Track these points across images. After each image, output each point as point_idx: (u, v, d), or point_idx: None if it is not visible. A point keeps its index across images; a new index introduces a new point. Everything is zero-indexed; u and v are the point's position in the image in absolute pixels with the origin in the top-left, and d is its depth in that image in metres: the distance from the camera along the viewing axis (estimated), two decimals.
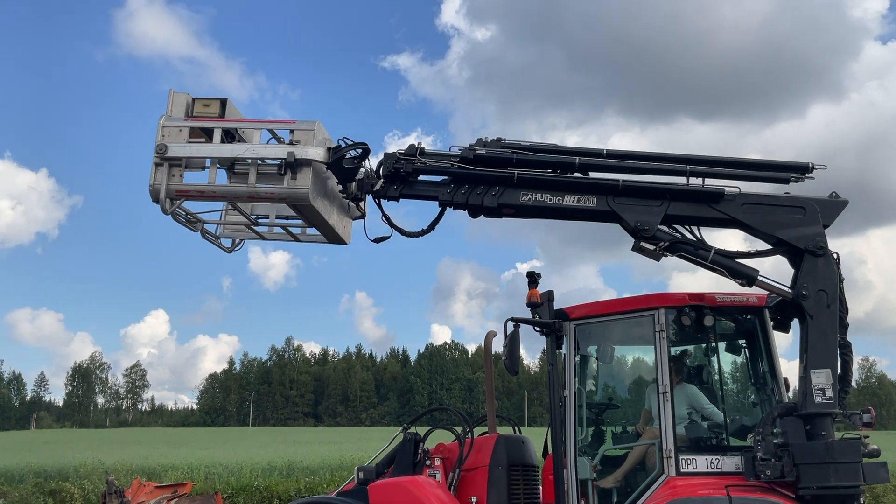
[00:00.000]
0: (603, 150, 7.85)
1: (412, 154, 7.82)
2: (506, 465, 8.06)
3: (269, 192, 7.48)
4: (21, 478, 25.60)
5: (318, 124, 7.58)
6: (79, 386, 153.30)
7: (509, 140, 7.98)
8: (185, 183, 7.46)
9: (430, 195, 7.85)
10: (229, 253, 8.72)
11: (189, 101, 7.70)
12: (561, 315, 7.94)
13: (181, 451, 38.62)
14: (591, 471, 7.59)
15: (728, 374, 7.97)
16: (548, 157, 7.78)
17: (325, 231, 8.23)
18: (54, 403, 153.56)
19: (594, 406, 8.19)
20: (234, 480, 24.43)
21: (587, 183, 7.56)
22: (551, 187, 7.55)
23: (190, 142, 7.46)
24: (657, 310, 7.50)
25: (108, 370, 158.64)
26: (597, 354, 8.22)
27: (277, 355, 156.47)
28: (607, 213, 7.47)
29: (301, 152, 7.35)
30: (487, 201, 7.58)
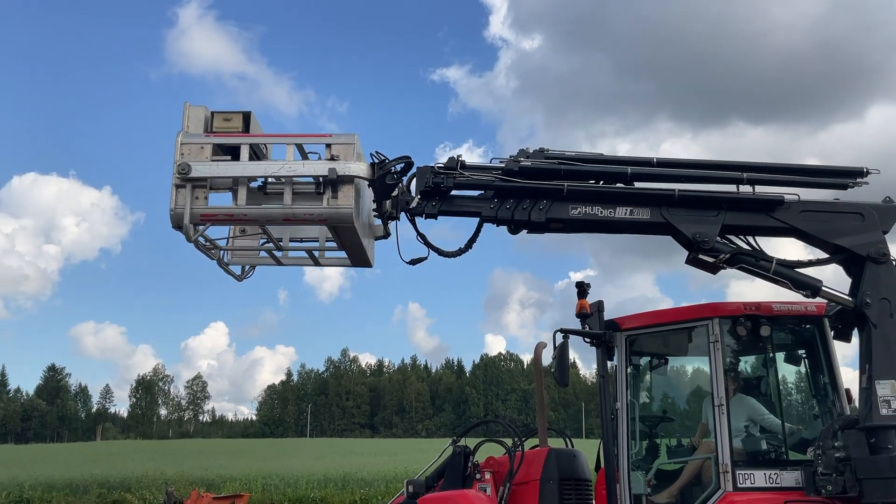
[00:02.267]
0: (653, 158, 7.62)
1: (452, 167, 7.38)
2: (557, 479, 7.92)
3: (307, 214, 6.85)
4: (85, 489, 26.22)
5: (356, 137, 7.06)
6: (142, 398, 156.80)
7: (553, 150, 7.69)
8: (211, 206, 6.81)
9: (471, 211, 7.43)
10: (239, 281, 8.12)
11: (207, 114, 7.09)
12: (612, 326, 7.80)
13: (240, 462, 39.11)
14: (646, 485, 7.43)
15: (787, 385, 7.72)
16: (598, 167, 7.49)
17: (354, 253, 7.66)
18: (119, 415, 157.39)
19: (648, 419, 8.01)
20: (291, 492, 24.65)
21: (640, 194, 7.27)
22: (602, 199, 7.24)
23: (213, 160, 6.83)
24: (711, 320, 7.31)
25: (170, 382, 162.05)
26: (650, 366, 8.05)
27: (334, 367, 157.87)
28: (662, 225, 7.20)
29: (343, 168, 6.80)
30: (535, 216, 7.22)
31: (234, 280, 7.90)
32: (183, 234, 6.73)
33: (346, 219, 6.84)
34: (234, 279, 7.96)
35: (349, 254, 7.71)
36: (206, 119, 7.03)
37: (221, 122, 7.02)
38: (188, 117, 6.97)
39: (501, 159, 7.59)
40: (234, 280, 7.90)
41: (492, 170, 7.49)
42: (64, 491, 25.86)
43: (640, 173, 7.42)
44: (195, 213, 6.72)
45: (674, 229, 7.17)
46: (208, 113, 7.07)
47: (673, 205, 7.15)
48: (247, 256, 8.05)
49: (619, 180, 7.41)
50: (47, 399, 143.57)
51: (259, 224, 7.27)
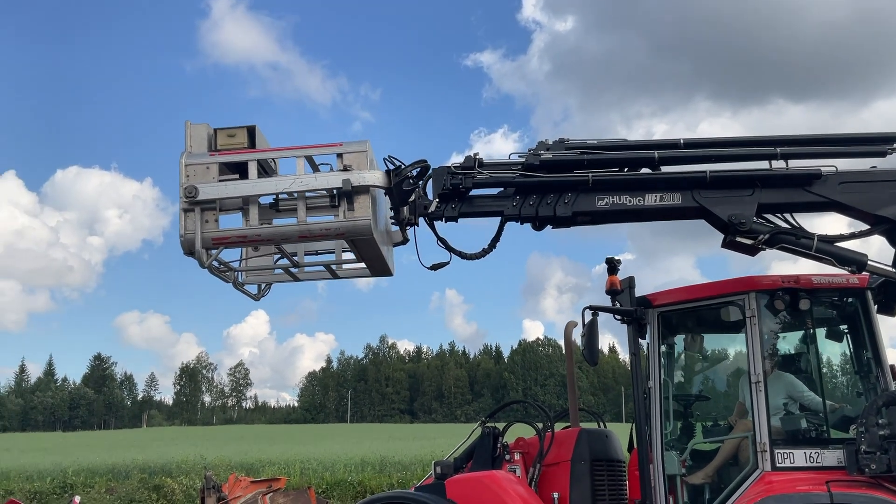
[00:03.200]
0: (679, 139, 7.28)
1: (470, 166, 7.11)
2: (589, 459, 7.73)
3: (324, 229, 6.56)
4: (127, 474, 26.66)
5: (368, 144, 6.71)
6: (186, 385, 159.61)
7: (573, 140, 7.41)
8: (222, 229, 6.52)
9: (493, 211, 7.16)
10: (257, 301, 7.93)
11: (210, 132, 6.75)
12: (643, 302, 7.54)
13: (279, 447, 39.54)
14: (680, 466, 7.19)
15: (828, 361, 7.41)
16: (622, 154, 7.19)
17: (374, 264, 7.37)
18: (164, 402, 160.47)
19: (681, 398, 7.76)
20: (329, 476, 24.77)
21: (670, 178, 6.96)
22: (630, 187, 6.95)
23: (221, 180, 6.55)
24: (748, 294, 7.02)
25: (213, 370, 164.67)
26: (683, 343, 7.79)
27: (372, 353, 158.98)
28: (694, 209, 6.89)
29: (358, 178, 6.46)
30: (560, 210, 6.94)
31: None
32: (195, 260, 6.46)
33: (364, 231, 6.55)
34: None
35: (368, 265, 7.46)
36: (209, 137, 6.73)
37: (226, 138, 6.72)
38: (190, 136, 6.69)
39: (520, 154, 7.30)
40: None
41: (511, 166, 7.21)
42: (106, 476, 26.34)
43: (667, 156, 7.10)
44: (206, 237, 6.44)
45: (708, 213, 6.85)
46: (211, 130, 6.77)
47: (705, 187, 6.83)
48: (262, 275, 7.83)
49: (645, 166, 7.10)
50: (94, 387, 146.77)
51: (274, 243, 7.05)
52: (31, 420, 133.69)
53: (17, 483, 24.93)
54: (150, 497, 23.37)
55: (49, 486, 24.87)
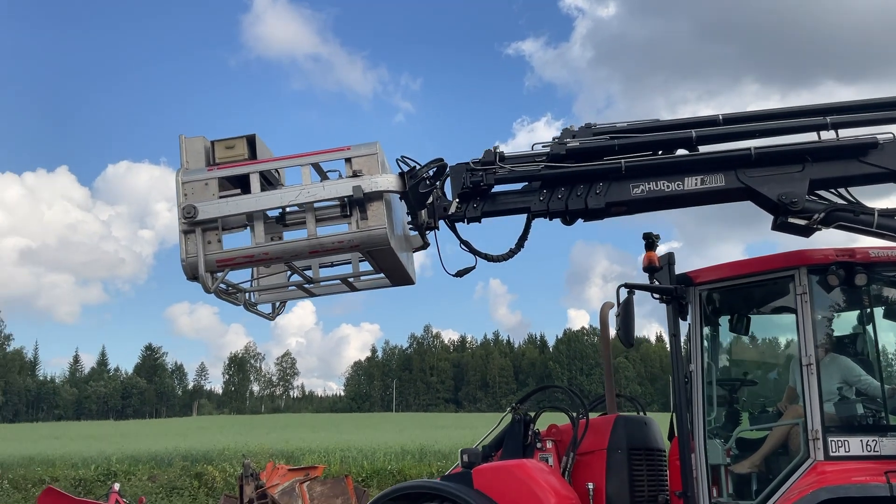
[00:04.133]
0: (718, 115, 6.76)
1: (490, 161, 6.66)
2: (626, 448, 7.28)
3: (336, 242, 6.08)
4: (170, 461, 26.84)
5: (377, 146, 6.21)
6: (235, 375, 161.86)
7: (601, 125, 6.92)
8: (227, 250, 6.10)
9: (518, 207, 6.72)
10: (272, 320, 7.64)
11: (207, 145, 6.33)
12: (684, 280, 7.02)
13: (321, 435, 39.64)
14: (724, 455, 6.67)
15: (886, 342, 6.79)
16: (656, 135, 6.66)
17: (393, 273, 6.93)
18: (214, 391, 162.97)
19: (726, 382, 7.22)
20: (368, 464, 24.60)
21: (711, 158, 6.45)
22: (667, 171, 6.47)
23: (221, 196, 6.10)
24: (798, 269, 6.46)
25: (261, 360, 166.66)
26: (728, 323, 7.25)
27: (417, 343, 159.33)
28: (740, 190, 6.41)
29: (370, 184, 5.98)
30: (592, 202, 6.48)
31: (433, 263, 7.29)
32: (200, 285, 6.03)
33: (380, 241, 6.08)
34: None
35: (388, 275, 7.02)
36: (206, 150, 6.31)
37: (224, 151, 6.29)
38: (186, 151, 6.25)
39: (545, 144, 6.83)
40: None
41: (535, 157, 6.75)
42: (149, 464, 26.58)
43: (706, 135, 6.59)
44: (210, 259, 6.04)
45: (755, 193, 6.35)
46: (208, 143, 6.35)
47: (750, 165, 6.33)
48: (276, 293, 7.42)
49: (682, 146, 6.60)
50: (146, 377, 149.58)
51: (283, 261, 6.53)
52: (85, 409, 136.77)
53: (62, 470, 25.27)
54: (191, 484, 23.44)
55: (93, 473, 25.15)
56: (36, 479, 23.42)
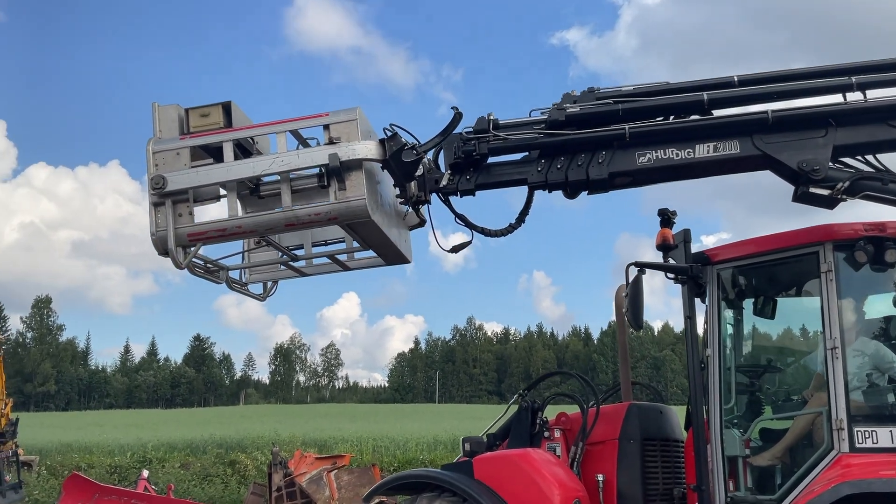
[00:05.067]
0: (732, 76, 6.21)
1: (484, 130, 6.24)
2: (639, 438, 6.83)
3: (313, 214, 5.70)
4: (204, 449, 26.99)
5: (358, 111, 5.80)
6: (281, 365, 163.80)
7: (605, 88, 6.44)
8: (198, 223, 5.79)
9: (515, 179, 6.28)
10: (262, 301, 7.30)
11: (181, 113, 6.00)
12: (700, 258, 6.52)
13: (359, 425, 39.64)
14: (743, 446, 6.19)
15: None
16: (665, 99, 6.16)
17: (384, 251, 6.61)
18: (262, 381, 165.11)
19: (745, 368, 6.71)
20: (401, 454, 24.40)
21: (724, 123, 5.95)
22: (677, 137, 5.97)
23: (193, 166, 5.78)
24: (823, 245, 5.95)
25: (306, 350, 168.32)
26: (747, 305, 6.73)
27: (460, 335, 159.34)
28: (756, 158, 5.89)
29: (347, 152, 5.60)
30: (594, 172, 6.01)
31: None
32: (170, 261, 5.72)
33: (359, 213, 5.69)
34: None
35: (379, 252, 6.68)
36: (180, 119, 5.99)
37: (198, 119, 5.96)
38: (158, 120, 5.93)
39: (543, 110, 6.34)
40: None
41: (533, 124, 6.29)
42: (184, 451, 26.77)
43: (719, 98, 6.07)
44: (180, 233, 5.73)
45: (773, 161, 5.83)
46: (182, 111, 6.02)
47: (767, 130, 5.81)
48: (267, 271, 7.07)
49: (693, 111, 6.08)
50: (194, 367, 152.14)
51: (258, 235, 6.27)
52: (136, 398, 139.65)
53: (98, 457, 25.55)
54: (224, 472, 23.48)
55: (129, 460, 25.39)
56: (72, 466, 23.66)
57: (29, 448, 25.84)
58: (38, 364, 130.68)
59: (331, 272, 7.13)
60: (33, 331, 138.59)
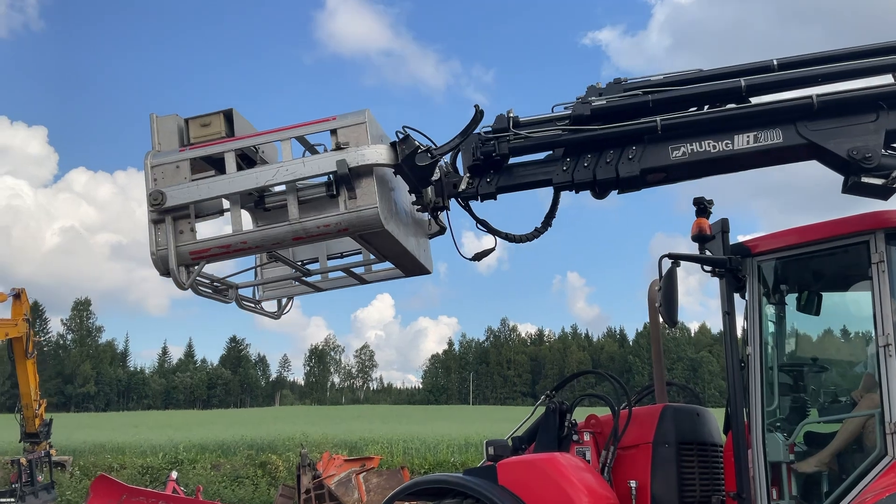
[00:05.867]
0: (772, 60, 5.77)
1: (504, 128, 5.86)
2: (675, 442, 6.41)
3: (322, 226, 5.32)
4: (235, 450, 26.94)
5: (367, 114, 5.42)
6: (315, 366, 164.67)
7: (633, 79, 6.03)
8: (200, 240, 5.46)
9: (539, 180, 5.91)
10: (277, 319, 6.98)
11: (181, 123, 5.72)
12: (740, 250, 6.09)
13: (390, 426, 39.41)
14: (787, 451, 5.75)
15: None
16: (698, 87, 5.74)
17: (401, 262, 6.24)
18: (297, 383, 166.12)
19: (789, 368, 6.26)
20: (431, 456, 24.09)
21: (765, 111, 5.52)
22: (713, 128, 5.56)
23: (194, 179, 5.46)
24: (874, 234, 5.51)
25: (340, 352, 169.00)
26: (791, 299, 6.29)
27: (494, 336, 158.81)
28: (801, 147, 5.47)
29: (356, 157, 5.23)
30: (624, 170, 5.62)
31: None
32: (172, 281, 5.38)
33: (372, 222, 5.30)
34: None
35: (396, 264, 6.31)
36: (179, 130, 5.69)
37: (199, 129, 5.66)
38: (157, 132, 5.61)
39: (566, 104, 5.95)
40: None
41: (556, 121, 5.90)
42: (216, 452, 26.74)
43: (758, 83, 5.64)
44: (182, 251, 5.39)
45: (820, 150, 5.39)
46: (182, 121, 5.73)
47: (812, 116, 5.38)
48: (281, 287, 6.74)
49: (730, 99, 5.67)
50: (230, 368, 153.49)
51: (265, 250, 5.92)
52: (173, 399, 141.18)
53: (130, 458, 25.61)
54: (254, 473, 23.37)
55: (161, 461, 25.40)
56: (105, 467, 23.75)
57: (63, 448, 25.98)
58: (78, 365, 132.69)
59: (348, 286, 6.79)
60: (73, 333, 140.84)
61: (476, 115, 5.60)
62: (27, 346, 19.24)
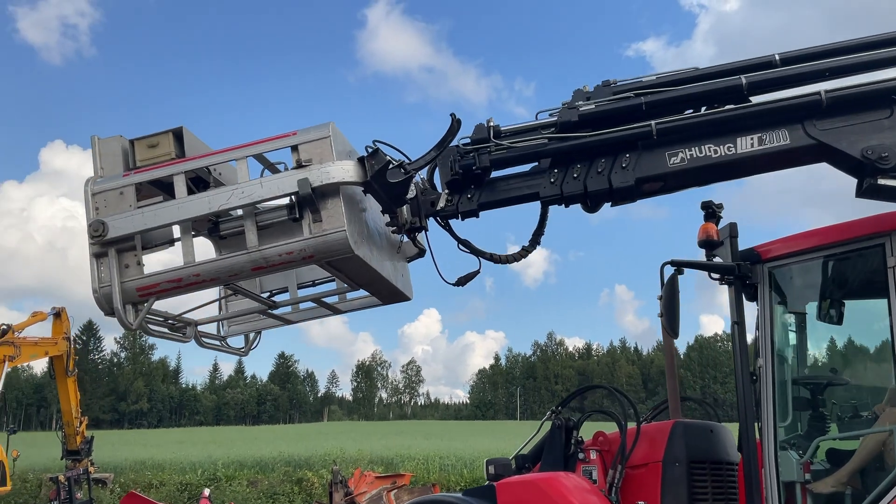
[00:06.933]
0: (773, 55, 5.40)
1: (483, 139, 5.44)
2: (685, 460, 6.06)
3: (284, 253, 4.82)
4: (273, 467, 26.95)
5: (332, 127, 4.92)
6: (363, 382, 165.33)
7: (623, 81, 5.63)
8: (148, 274, 4.92)
9: (525, 194, 5.48)
10: (245, 356, 6.54)
11: (125, 145, 5.19)
12: (750, 256, 5.74)
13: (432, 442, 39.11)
14: (802, 470, 5.37)
15: None
16: (695, 87, 5.35)
17: (377, 289, 5.75)
18: (345, 398, 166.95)
19: (804, 381, 5.87)
20: (468, 473, 23.75)
21: (769, 110, 5.14)
22: (713, 131, 5.18)
23: (140, 206, 4.94)
24: (890, 235, 5.13)
25: (387, 367, 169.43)
26: (803, 307, 5.91)
27: (541, 350, 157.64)
28: (810, 148, 5.08)
29: (319, 176, 4.72)
30: (618, 180, 5.21)
31: (443, 268, 5.86)
32: (117, 321, 4.88)
33: (340, 248, 4.79)
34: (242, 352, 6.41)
35: (371, 291, 5.81)
36: (124, 152, 5.17)
37: (146, 151, 5.13)
38: (99, 155, 5.11)
39: (551, 111, 5.56)
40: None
41: (541, 129, 5.51)
42: (253, 469, 26.78)
43: (759, 80, 5.26)
44: (128, 288, 4.86)
45: (830, 151, 5.01)
46: (126, 143, 5.21)
47: (821, 115, 5.00)
48: (247, 321, 6.24)
49: (730, 99, 5.29)
50: (279, 384, 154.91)
51: (222, 283, 5.32)
52: (224, 415, 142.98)
53: (170, 475, 25.78)
54: (291, 490, 23.32)
55: (199, 478, 25.51)
56: (144, 483, 23.94)
57: (106, 465, 26.29)
58: (132, 383, 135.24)
59: (320, 317, 6.31)
60: (127, 351, 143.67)
61: (452, 124, 5.17)
62: (67, 364, 19.50)
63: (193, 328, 5.85)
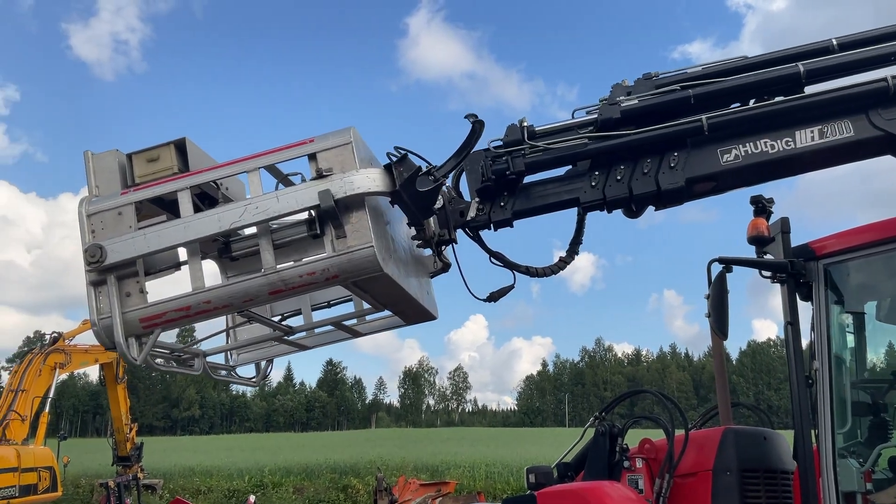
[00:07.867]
0: (831, 40, 5.05)
1: (517, 140, 5.04)
2: (737, 469, 5.76)
3: (305, 274, 4.30)
4: (319, 474, 26.98)
5: (353, 132, 4.40)
6: (410, 388, 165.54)
7: (665, 74, 5.22)
8: (153, 302, 4.40)
9: (564, 200, 5.10)
10: (256, 386, 6.15)
11: (122, 160, 4.70)
12: (803, 252, 5.42)
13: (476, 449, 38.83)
14: (862, 479, 5.03)
15: None
16: (748, 77, 4.99)
17: (402, 309, 5.21)
18: (393, 405, 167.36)
19: (863, 384, 5.53)
20: (514, 480, 23.45)
21: (830, 99, 4.81)
22: (770, 125, 4.86)
23: (142, 227, 4.45)
24: None
25: (434, 374, 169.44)
26: (862, 306, 5.57)
27: (588, 356, 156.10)
28: (877, 140, 4.78)
29: (343, 186, 4.23)
30: (666, 181, 4.86)
31: (470, 280, 5.36)
32: (118, 354, 4.39)
33: (368, 266, 4.26)
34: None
35: (396, 311, 5.28)
36: (121, 168, 4.68)
37: (145, 165, 4.66)
38: (94, 172, 4.63)
39: (589, 108, 5.17)
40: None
41: (579, 128, 5.11)
42: (300, 476, 26.83)
43: (819, 67, 4.93)
44: (130, 319, 4.35)
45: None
46: (123, 157, 4.72)
47: (888, 102, 4.68)
48: (259, 349, 5.76)
49: (785, 88, 4.94)
50: (327, 391, 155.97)
51: (236, 310, 4.73)
52: (274, 422, 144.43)
53: (217, 481, 25.97)
54: (336, 497, 23.29)
55: (247, 484, 25.65)
56: (193, 489, 24.15)
57: (156, 471, 26.61)
58: (184, 390, 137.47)
59: (339, 340, 5.77)
60: None
61: (474, 127, 4.81)
62: (117, 371, 19.78)
63: (202, 360, 5.42)
